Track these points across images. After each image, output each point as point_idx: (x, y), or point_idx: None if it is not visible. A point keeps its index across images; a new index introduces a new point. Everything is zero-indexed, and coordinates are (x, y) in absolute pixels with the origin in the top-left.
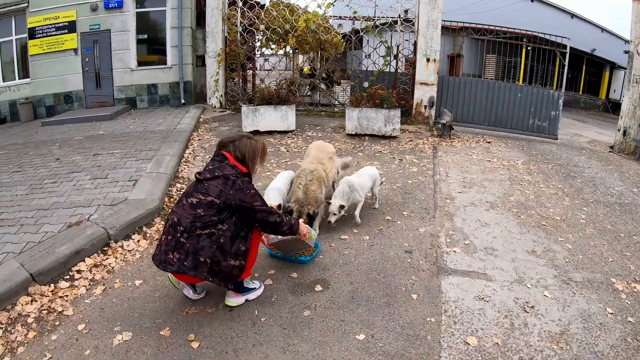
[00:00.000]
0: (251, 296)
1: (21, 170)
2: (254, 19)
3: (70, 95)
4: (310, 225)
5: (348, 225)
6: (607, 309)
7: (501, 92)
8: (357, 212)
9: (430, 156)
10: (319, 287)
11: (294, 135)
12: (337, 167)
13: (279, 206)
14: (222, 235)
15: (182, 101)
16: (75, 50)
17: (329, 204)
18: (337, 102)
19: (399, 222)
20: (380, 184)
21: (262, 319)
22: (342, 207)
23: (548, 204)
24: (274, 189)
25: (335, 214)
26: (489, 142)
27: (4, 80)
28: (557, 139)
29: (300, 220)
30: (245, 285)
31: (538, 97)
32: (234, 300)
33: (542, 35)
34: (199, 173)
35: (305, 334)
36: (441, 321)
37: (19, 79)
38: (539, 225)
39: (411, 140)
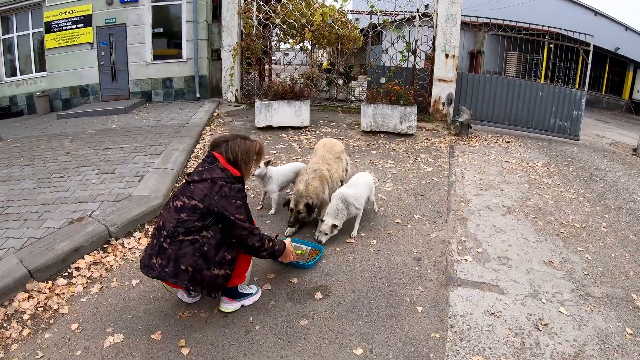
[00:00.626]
0: (247, 302)
1: (31, 164)
2: (270, 12)
3: (86, 89)
4: (309, 216)
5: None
6: (627, 328)
7: (522, 90)
8: (356, 226)
9: (446, 155)
10: (319, 295)
11: (307, 132)
12: (344, 167)
13: (267, 162)
14: (206, 242)
15: (197, 95)
16: (91, 44)
17: (322, 221)
18: (353, 98)
19: (409, 226)
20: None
21: (256, 327)
22: (335, 226)
23: (568, 209)
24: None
25: (327, 234)
26: (508, 142)
27: (21, 73)
28: (578, 140)
29: (287, 241)
30: (240, 291)
31: (560, 96)
32: (228, 306)
33: (564, 33)
34: (188, 175)
35: (299, 346)
36: (446, 337)
37: (35, 72)
38: (558, 233)
39: (427, 139)
